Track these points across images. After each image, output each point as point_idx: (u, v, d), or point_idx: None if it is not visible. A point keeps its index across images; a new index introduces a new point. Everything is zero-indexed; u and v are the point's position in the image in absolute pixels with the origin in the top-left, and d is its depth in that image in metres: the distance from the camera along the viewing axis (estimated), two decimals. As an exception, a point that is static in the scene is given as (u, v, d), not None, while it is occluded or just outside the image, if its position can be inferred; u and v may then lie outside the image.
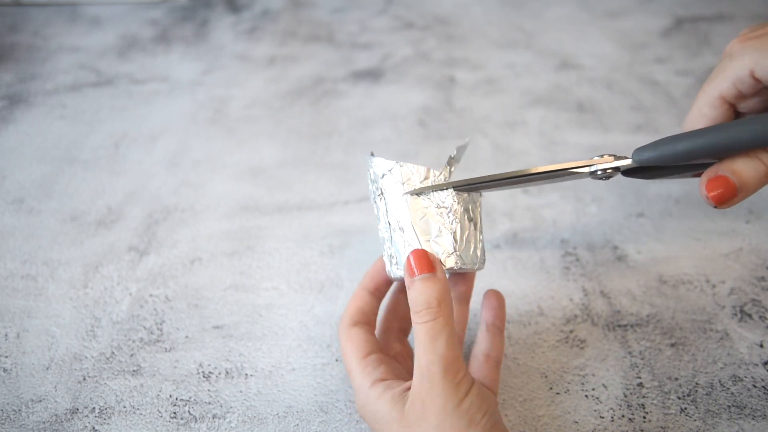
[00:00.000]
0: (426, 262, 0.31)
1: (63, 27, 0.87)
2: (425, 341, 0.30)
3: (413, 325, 0.31)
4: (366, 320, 0.36)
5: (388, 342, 0.38)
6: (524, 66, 0.75)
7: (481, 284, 0.46)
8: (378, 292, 0.38)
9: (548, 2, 0.90)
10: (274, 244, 0.51)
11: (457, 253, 0.33)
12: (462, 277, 0.39)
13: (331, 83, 0.73)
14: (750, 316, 0.43)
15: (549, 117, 0.65)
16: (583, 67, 0.74)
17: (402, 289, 0.39)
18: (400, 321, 0.39)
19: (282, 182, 0.57)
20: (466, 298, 0.39)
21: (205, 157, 0.61)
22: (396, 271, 0.34)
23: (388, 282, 0.38)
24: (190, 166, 0.60)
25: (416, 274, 0.31)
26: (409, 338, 0.40)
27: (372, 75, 0.74)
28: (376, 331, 0.38)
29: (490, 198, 0.54)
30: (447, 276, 0.32)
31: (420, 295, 0.30)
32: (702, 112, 0.34)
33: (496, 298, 0.38)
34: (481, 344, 0.36)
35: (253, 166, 0.60)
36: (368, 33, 0.84)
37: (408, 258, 0.32)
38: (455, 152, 0.34)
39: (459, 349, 0.30)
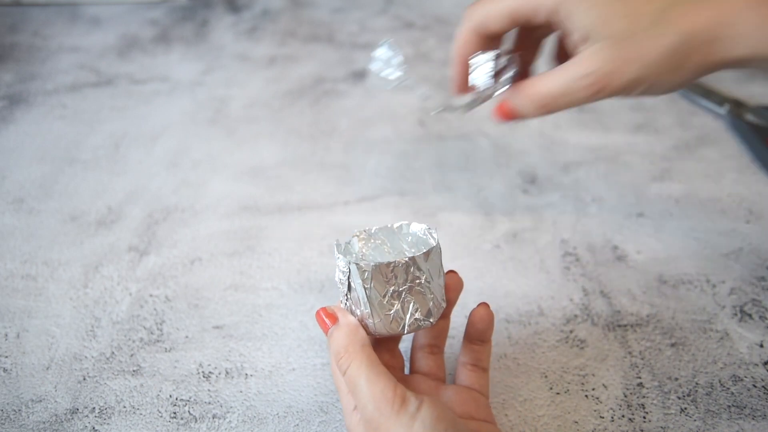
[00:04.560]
0: (328, 315, 0.33)
1: (63, 27, 0.87)
2: (352, 390, 0.30)
3: None
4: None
5: (380, 353, 0.37)
6: (524, 66, 0.75)
7: (481, 284, 0.46)
8: None
9: (548, 2, 0.90)
10: (274, 244, 0.51)
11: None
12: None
13: (331, 83, 0.73)
14: (750, 316, 0.43)
15: (549, 117, 0.65)
16: (583, 67, 0.74)
17: None
18: None
19: (282, 182, 0.57)
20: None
21: (205, 157, 0.61)
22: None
23: None
24: (190, 166, 0.60)
25: (329, 327, 0.33)
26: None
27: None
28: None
29: (490, 198, 0.54)
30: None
31: (331, 348, 0.32)
32: None
33: (484, 313, 0.36)
34: (467, 355, 0.36)
35: (253, 166, 0.60)
36: (368, 33, 0.84)
37: (317, 316, 0.34)
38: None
39: (386, 379, 0.30)
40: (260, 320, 0.44)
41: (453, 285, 0.36)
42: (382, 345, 0.37)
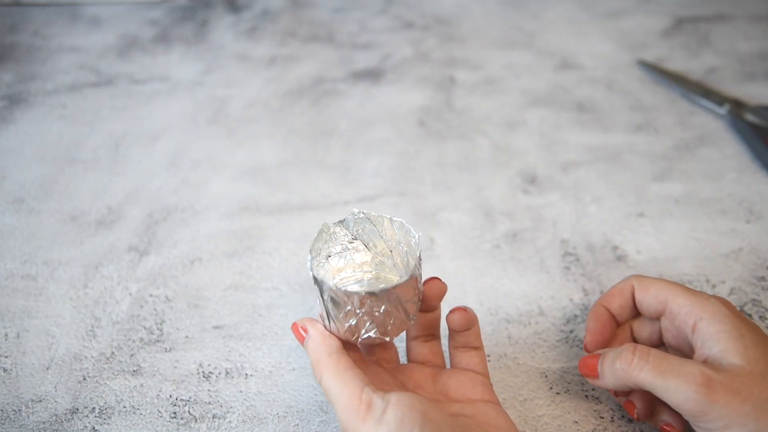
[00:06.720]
0: (300, 327, 0.34)
1: (63, 27, 0.87)
2: (328, 399, 0.31)
3: None
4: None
5: (372, 346, 0.37)
6: (524, 66, 0.75)
7: (481, 284, 0.46)
8: None
9: (548, 2, 0.90)
10: (274, 244, 0.51)
11: None
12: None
13: (331, 83, 0.73)
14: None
15: (549, 117, 0.65)
16: (583, 67, 0.74)
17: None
18: None
19: (282, 182, 0.57)
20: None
21: (205, 157, 0.61)
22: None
23: None
24: (190, 166, 0.60)
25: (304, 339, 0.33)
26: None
27: (372, 75, 0.74)
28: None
29: (490, 198, 0.54)
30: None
31: (310, 358, 0.32)
32: None
33: (459, 318, 0.35)
34: (456, 339, 0.36)
35: (253, 166, 0.60)
36: (368, 33, 0.84)
37: (294, 330, 0.34)
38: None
39: (351, 386, 0.29)
40: (260, 320, 0.44)
41: (433, 294, 0.35)
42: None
